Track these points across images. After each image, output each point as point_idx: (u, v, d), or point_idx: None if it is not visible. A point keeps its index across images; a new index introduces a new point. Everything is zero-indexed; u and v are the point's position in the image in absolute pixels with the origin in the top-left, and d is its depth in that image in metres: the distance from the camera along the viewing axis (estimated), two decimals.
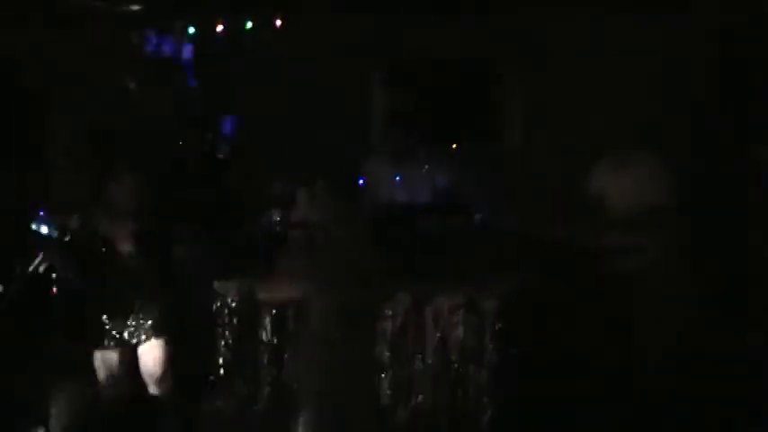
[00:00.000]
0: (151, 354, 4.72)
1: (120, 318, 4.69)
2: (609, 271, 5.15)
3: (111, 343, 4.73)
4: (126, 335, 4.71)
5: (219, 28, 7.04)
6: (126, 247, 4.67)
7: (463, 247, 5.21)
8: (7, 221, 5.47)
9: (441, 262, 5.11)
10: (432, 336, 4.82)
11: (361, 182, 5.65)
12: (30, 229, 4.85)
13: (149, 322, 4.71)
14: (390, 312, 4.86)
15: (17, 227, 5.18)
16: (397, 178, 5.65)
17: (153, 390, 4.77)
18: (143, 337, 4.71)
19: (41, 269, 4.58)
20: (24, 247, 4.81)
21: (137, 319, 4.69)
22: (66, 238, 4.60)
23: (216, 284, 5.35)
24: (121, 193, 4.71)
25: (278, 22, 6.88)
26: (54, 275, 4.65)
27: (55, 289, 4.66)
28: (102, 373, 4.76)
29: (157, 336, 4.72)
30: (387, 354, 4.87)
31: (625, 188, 5.33)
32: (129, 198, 4.70)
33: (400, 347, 4.86)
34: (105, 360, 4.76)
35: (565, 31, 6.53)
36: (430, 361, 4.82)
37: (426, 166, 5.72)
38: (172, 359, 4.77)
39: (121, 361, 4.75)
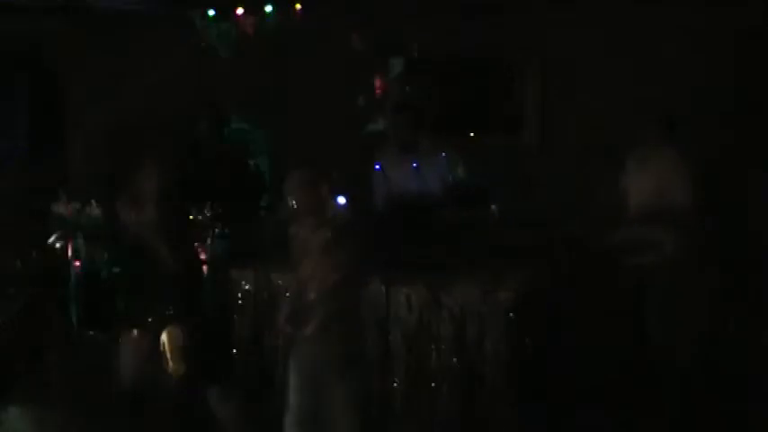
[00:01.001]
0: (171, 339, 4.72)
1: (141, 303, 4.70)
2: (626, 265, 5.15)
3: (133, 329, 4.75)
4: (148, 321, 4.71)
5: (239, 11, 7.07)
6: (146, 233, 4.68)
7: (480, 239, 5.22)
8: (30, 206, 5.50)
9: (457, 253, 5.11)
10: (447, 327, 4.82)
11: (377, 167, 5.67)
12: (51, 213, 4.89)
13: (170, 308, 4.72)
14: (405, 304, 4.87)
15: (40, 212, 5.21)
16: (414, 166, 5.65)
17: (172, 375, 4.78)
18: (164, 322, 4.70)
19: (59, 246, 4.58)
20: (46, 233, 4.84)
21: (158, 306, 4.70)
22: (89, 224, 4.62)
23: (233, 272, 5.38)
24: (141, 178, 4.72)
25: (297, 7, 6.90)
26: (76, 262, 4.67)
27: (76, 275, 4.66)
28: (123, 359, 4.79)
29: (178, 322, 4.73)
30: (402, 346, 4.88)
31: (643, 183, 5.32)
32: (149, 183, 4.71)
33: (416, 339, 4.87)
34: (127, 345, 4.79)
35: (581, 23, 6.53)
36: (445, 353, 4.83)
37: (443, 154, 5.72)
38: (191, 345, 4.78)
39: (143, 346, 4.77)
